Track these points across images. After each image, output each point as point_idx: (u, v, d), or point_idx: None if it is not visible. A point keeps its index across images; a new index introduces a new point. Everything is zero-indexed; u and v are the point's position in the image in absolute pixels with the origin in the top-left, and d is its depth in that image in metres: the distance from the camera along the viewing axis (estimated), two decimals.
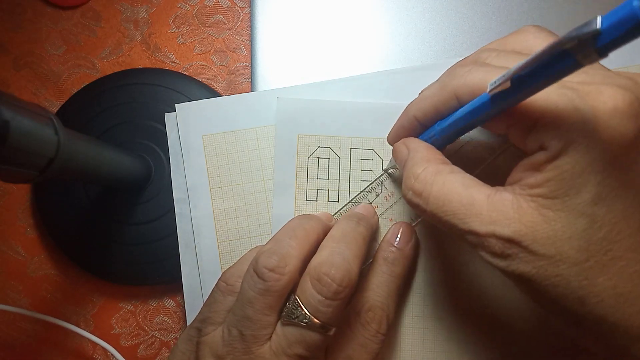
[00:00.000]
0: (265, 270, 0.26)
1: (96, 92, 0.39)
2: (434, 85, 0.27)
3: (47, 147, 0.25)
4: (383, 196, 0.33)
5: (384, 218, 0.33)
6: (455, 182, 0.24)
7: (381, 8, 0.38)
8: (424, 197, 0.24)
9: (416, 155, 0.26)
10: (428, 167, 0.25)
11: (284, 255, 0.26)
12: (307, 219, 0.30)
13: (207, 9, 0.40)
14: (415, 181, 0.25)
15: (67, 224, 0.38)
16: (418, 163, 0.25)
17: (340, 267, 0.26)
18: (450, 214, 0.23)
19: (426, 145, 0.27)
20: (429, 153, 0.26)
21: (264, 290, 0.26)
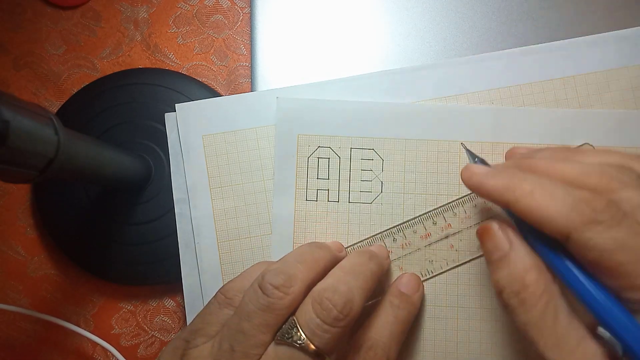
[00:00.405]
0: (270, 286, 0.26)
1: (96, 92, 0.39)
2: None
3: (47, 147, 0.25)
4: (399, 244, 0.33)
5: (394, 265, 0.33)
6: (558, 308, 0.23)
7: (381, 8, 0.38)
8: (525, 310, 0.23)
9: (525, 259, 0.24)
10: (540, 278, 0.23)
11: (290, 276, 0.26)
12: (318, 248, 0.29)
13: (207, 9, 0.40)
14: (523, 288, 0.23)
15: (67, 224, 0.38)
16: (529, 270, 0.24)
17: (343, 294, 0.26)
18: (538, 336, 0.23)
19: (531, 250, 0.25)
20: (538, 261, 0.24)
21: (266, 306, 0.25)
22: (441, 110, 0.34)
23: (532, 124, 0.33)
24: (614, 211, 0.22)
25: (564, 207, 0.22)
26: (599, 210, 0.22)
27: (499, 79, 0.34)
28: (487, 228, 0.26)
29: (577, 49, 0.34)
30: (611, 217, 0.21)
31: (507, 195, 0.24)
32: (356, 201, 0.34)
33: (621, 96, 0.34)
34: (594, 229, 0.21)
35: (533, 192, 0.23)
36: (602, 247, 0.21)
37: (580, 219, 0.22)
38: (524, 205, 0.23)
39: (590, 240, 0.21)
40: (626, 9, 0.37)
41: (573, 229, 0.22)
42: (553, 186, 0.23)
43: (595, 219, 0.22)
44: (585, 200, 0.22)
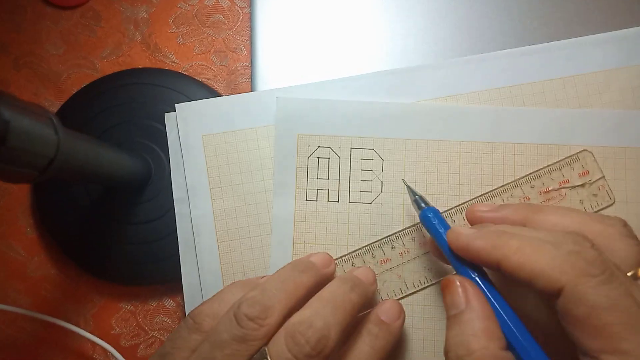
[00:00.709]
0: (245, 318, 0.25)
1: (96, 92, 0.39)
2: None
3: (47, 147, 0.25)
4: (398, 251, 0.33)
5: (393, 273, 0.33)
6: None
7: (381, 8, 0.38)
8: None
9: (475, 322, 0.24)
10: (487, 348, 0.23)
11: (267, 307, 0.26)
12: (301, 272, 0.29)
13: (207, 9, 0.40)
14: (467, 354, 0.23)
15: (67, 224, 0.38)
16: (477, 336, 0.23)
17: (318, 330, 0.25)
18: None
19: (489, 311, 0.24)
20: (490, 325, 0.24)
21: (240, 337, 0.25)
22: (441, 110, 0.34)
23: (531, 123, 0.33)
24: (605, 265, 0.21)
25: (556, 260, 0.22)
26: (591, 262, 0.21)
27: (499, 79, 0.34)
28: (450, 282, 0.26)
29: (577, 49, 0.34)
30: (603, 272, 0.21)
31: (495, 253, 0.24)
32: (356, 201, 0.34)
33: (621, 96, 0.34)
34: (587, 282, 0.21)
35: (522, 248, 0.23)
36: (594, 304, 0.21)
37: (573, 271, 0.21)
38: (514, 262, 0.23)
39: (584, 295, 0.21)
40: (626, 9, 0.37)
41: (566, 282, 0.21)
42: (541, 242, 0.23)
43: (588, 272, 0.21)
44: (576, 252, 0.22)
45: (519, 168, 0.33)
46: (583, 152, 0.33)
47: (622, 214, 0.32)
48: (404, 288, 0.33)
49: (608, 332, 0.20)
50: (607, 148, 0.33)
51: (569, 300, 0.21)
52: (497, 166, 0.33)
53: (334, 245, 0.33)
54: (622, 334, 0.20)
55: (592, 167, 0.33)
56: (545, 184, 0.33)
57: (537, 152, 0.33)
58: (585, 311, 0.21)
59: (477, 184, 0.33)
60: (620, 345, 0.20)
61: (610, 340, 0.20)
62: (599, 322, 0.20)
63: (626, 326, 0.20)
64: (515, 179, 0.33)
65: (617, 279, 0.21)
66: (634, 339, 0.20)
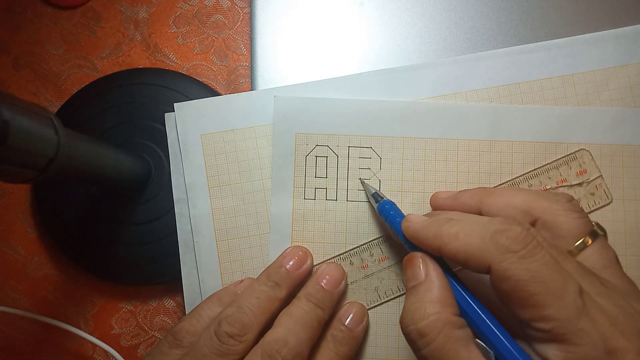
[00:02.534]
0: (226, 335, 0.28)
1: (96, 92, 0.39)
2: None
3: (47, 147, 0.25)
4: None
5: (391, 271, 0.33)
6: (460, 341, 0.23)
7: (381, 8, 0.39)
8: (425, 342, 0.24)
9: (432, 291, 0.25)
10: (442, 313, 0.24)
11: (245, 325, 0.29)
12: (274, 286, 0.31)
13: (207, 9, 0.40)
14: (424, 321, 0.24)
15: (67, 224, 0.38)
16: (433, 302, 0.24)
17: (293, 348, 0.28)
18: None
19: (445, 283, 0.25)
20: (445, 294, 0.25)
21: (221, 352, 0.28)
22: (439, 108, 0.34)
23: (530, 122, 0.33)
24: (529, 240, 0.23)
25: (482, 240, 0.23)
26: (513, 239, 0.23)
27: (498, 77, 0.34)
28: (412, 257, 0.27)
29: (576, 47, 0.34)
30: (525, 247, 0.22)
31: (436, 242, 0.25)
32: (354, 199, 0.34)
33: (619, 94, 0.34)
34: (509, 259, 0.22)
35: (457, 235, 0.24)
36: (517, 278, 0.22)
37: (496, 249, 0.23)
38: (451, 248, 0.24)
39: (507, 271, 0.22)
40: (625, 8, 0.37)
41: (492, 261, 0.23)
42: (474, 224, 0.24)
43: (509, 248, 0.23)
44: (500, 231, 0.23)
45: (517, 166, 0.33)
46: (581, 151, 0.33)
47: (619, 212, 0.33)
48: (402, 286, 0.33)
49: (532, 301, 0.22)
50: (604, 146, 0.33)
51: (496, 277, 0.23)
52: (494, 164, 0.33)
53: (332, 244, 0.34)
54: (545, 302, 0.21)
55: (590, 166, 0.33)
56: (542, 182, 0.33)
57: (535, 150, 0.33)
58: (511, 285, 0.22)
59: (475, 182, 0.33)
60: (544, 311, 0.21)
61: (536, 308, 0.21)
62: (524, 294, 0.22)
63: (547, 294, 0.21)
64: (512, 178, 0.33)
65: (540, 251, 0.22)
66: (555, 303, 0.21)
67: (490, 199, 0.28)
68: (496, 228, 0.23)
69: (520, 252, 0.22)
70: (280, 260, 0.32)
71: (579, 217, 0.26)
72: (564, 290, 0.21)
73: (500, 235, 0.23)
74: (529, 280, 0.22)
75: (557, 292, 0.21)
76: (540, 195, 0.27)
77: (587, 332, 0.21)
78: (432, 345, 0.23)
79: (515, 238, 0.23)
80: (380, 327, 0.33)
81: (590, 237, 0.25)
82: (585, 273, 0.23)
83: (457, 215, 0.27)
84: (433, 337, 0.23)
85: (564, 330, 0.21)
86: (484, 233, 0.23)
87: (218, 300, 0.32)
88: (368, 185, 0.33)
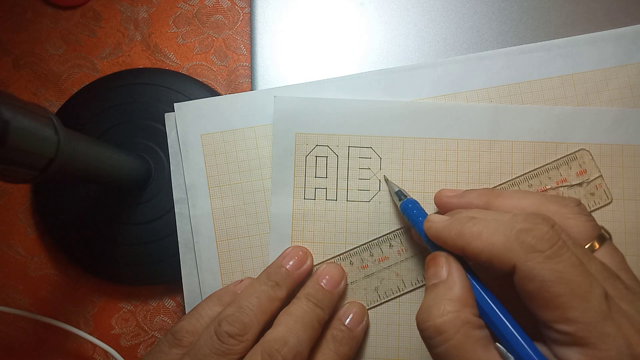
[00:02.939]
0: (226, 335, 0.28)
1: (96, 92, 0.39)
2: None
3: (47, 147, 0.25)
4: (396, 250, 0.33)
5: (391, 271, 0.33)
6: (478, 341, 0.23)
7: (381, 8, 0.39)
8: (442, 339, 0.23)
9: (453, 290, 0.25)
10: (461, 312, 0.23)
11: (245, 325, 0.29)
12: (274, 286, 0.31)
13: (207, 9, 0.40)
14: (442, 319, 0.23)
15: (67, 224, 0.38)
16: (453, 300, 0.24)
17: (293, 348, 0.28)
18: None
19: (467, 284, 0.25)
20: (466, 294, 0.25)
21: (221, 352, 0.28)
22: (439, 108, 0.34)
23: (530, 121, 0.33)
24: (555, 239, 0.22)
25: (507, 239, 0.23)
26: (539, 238, 0.22)
27: (498, 77, 0.34)
28: (435, 256, 0.27)
29: (576, 47, 0.34)
30: (551, 246, 0.22)
31: (459, 241, 0.25)
32: (354, 199, 0.34)
33: (619, 94, 0.34)
34: (535, 258, 0.22)
35: (481, 234, 0.24)
36: (543, 278, 0.22)
37: (522, 248, 0.23)
38: (474, 248, 0.24)
39: (532, 271, 0.22)
40: (625, 8, 0.37)
41: (517, 260, 0.22)
42: (497, 222, 0.24)
43: (535, 247, 0.22)
44: (526, 229, 0.23)
45: (517, 166, 0.33)
46: (581, 151, 0.33)
47: (619, 212, 0.33)
48: (402, 286, 0.33)
49: (556, 303, 0.21)
50: (604, 146, 0.33)
51: (521, 276, 0.22)
52: (494, 164, 0.33)
53: (332, 244, 0.34)
54: (569, 304, 0.21)
55: (590, 166, 0.33)
56: (542, 182, 0.33)
57: (535, 150, 0.33)
58: (536, 285, 0.22)
59: (475, 182, 0.33)
60: (569, 314, 0.21)
61: (560, 310, 0.21)
62: (548, 294, 0.21)
63: (572, 296, 0.21)
64: (512, 178, 0.33)
65: (566, 251, 0.22)
66: (580, 306, 0.21)
67: (498, 201, 0.28)
68: (521, 227, 0.23)
69: (546, 252, 0.22)
70: (280, 260, 0.32)
71: (587, 221, 0.25)
72: (589, 293, 0.21)
73: (526, 234, 0.23)
74: (554, 281, 0.21)
75: (582, 295, 0.21)
76: (548, 199, 0.27)
77: (613, 337, 0.20)
78: (449, 343, 0.23)
79: (541, 237, 0.22)
80: (381, 327, 0.33)
81: (598, 241, 0.25)
82: (610, 275, 0.23)
83: (479, 213, 0.26)
84: (451, 335, 0.23)
85: (588, 334, 0.20)
86: (509, 232, 0.23)
87: (218, 300, 0.32)
88: (392, 183, 0.33)
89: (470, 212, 0.27)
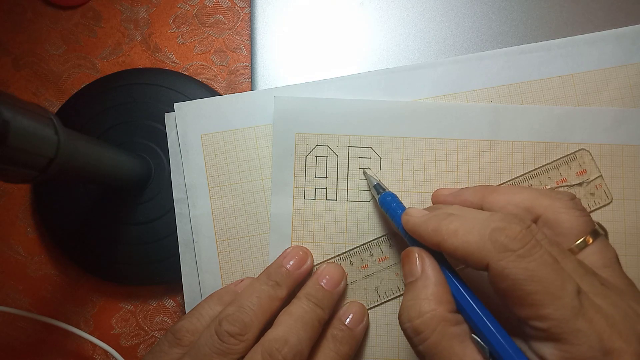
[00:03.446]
0: (227, 334, 0.28)
1: (96, 92, 0.39)
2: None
3: (47, 147, 0.25)
4: (396, 249, 0.33)
5: (391, 271, 0.33)
6: (455, 338, 0.24)
7: (381, 8, 0.39)
8: (420, 339, 0.24)
9: (428, 288, 0.25)
10: (437, 310, 0.24)
11: (246, 324, 0.29)
12: (275, 286, 0.31)
13: (207, 9, 0.40)
14: (419, 319, 0.24)
15: (67, 224, 0.38)
16: (428, 299, 0.25)
17: (293, 347, 0.28)
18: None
19: (441, 278, 0.26)
20: (441, 291, 0.25)
21: (222, 351, 0.28)
22: (439, 108, 0.34)
23: (529, 121, 0.33)
24: (528, 239, 0.23)
25: (481, 238, 0.23)
26: (512, 237, 0.23)
27: (498, 78, 0.34)
28: (409, 252, 0.27)
29: (576, 47, 0.34)
30: (523, 245, 0.22)
31: (435, 237, 0.25)
32: (354, 199, 0.34)
33: (619, 94, 0.34)
34: (507, 257, 0.22)
35: (457, 231, 0.24)
36: (515, 277, 0.22)
37: (494, 247, 0.23)
38: (450, 244, 0.24)
39: (505, 270, 0.22)
40: (624, 8, 0.37)
41: (490, 259, 0.23)
42: (473, 220, 0.24)
43: (508, 247, 0.23)
44: (499, 229, 0.23)
45: (517, 166, 0.33)
46: (581, 150, 0.33)
47: (618, 212, 0.33)
48: (402, 286, 0.33)
49: (529, 301, 0.22)
50: (604, 146, 0.33)
51: (494, 275, 0.23)
52: (494, 164, 0.33)
53: (332, 244, 0.34)
54: (542, 301, 0.21)
55: (590, 166, 0.33)
56: (542, 182, 0.33)
57: (535, 150, 0.33)
58: (508, 284, 0.22)
59: (475, 182, 0.33)
60: (541, 311, 0.21)
61: (533, 308, 0.22)
62: (521, 293, 0.22)
63: (544, 294, 0.21)
64: (512, 178, 0.33)
65: (538, 250, 0.22)
66: (552, 303, 0.21)
67: (492, 197, 0.28)
68: (495, 225, 0.23)
69: (518, 251, 0.22)
70: (280, 260, 0.32)
71: (581, 216, 0.26)
72: (561, 290, 0.21)
73: (499, 233, 0.23)
74: (526, 280, 0.22)
75: (554, 292, 0.21)
76: (542, 193, 0.27)
77: (584, 332, 0.21)
78: (427, 342, 0.24)
79: (514, 236, 0.23)
80: (380, 327, 0.33)
81: (591, 236, 0.25)
82: (586, 273, 0.23)
83: (457, 210, 0.27)
84: (428, 335, 0.24)
85: (561, 330, 0.21)
86: (483, 230, 0.23)
87: (218, 299, 0.32)
88: (370, 177, 0.33)
89: (450, 209, 0.27)
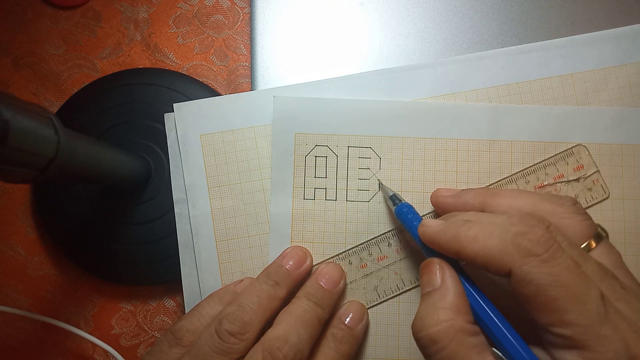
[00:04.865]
0: (227, 333, 0.28)
1: (96, 92, 0.39)
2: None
3: (47, 147, 0.25)
4: (395, 248, 0.33)
5: (390, 270, 0.33)
6: (473, 348, 0.23)
7: (381, 8, 0.39)
8: (437, 349, 0.23)
9: (447, 298, 0.25)
10: (455, 320, 0.24)
11: (246, 323, 0.29)
12: (275, 285, 0.31)
13: (207, 9, 0.40)
14: (436, 328, 0.24)
15: (67, 224, 0.38)
16: (446, 309, 0.24)
17: (294, 346, 0.28)
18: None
19: (460, 290, 0.25)
20: (460, 301, 0.25)
21: (222, 350, 0.28)
22: (439, 108, 0.34)
23: (529, 121, 0.33)
24: (550, 242, 0.22)
25: (503, 243, 0.23)
26: (535, 241, 0.22)
27: (497, 77, 0.34)
28: (429, 263, 0.27)
29: (575, 47, 0.34)
30: (547, 250, 0.22)
31: (454, 245, 0.25)
32: (354, 199, 0.34)
33: (619, 94, 0.34)
34: (531, 262, 0.22)
35: (476, 237, 0.24)
36: (538, 282, 0.22)
37: (517, 252, 0.22)
38: (470, 252, 0.24)
39: (528, 275, 0.22)
40: (624, 8, 0.37)
41: (512, 264, 0.22)
42: (493, 226, 0.24)
43: (531, 251, 0.22)
44: (521, 234, 0.23)
45: (516, 166, 0.33)
46: (577, 146, 0.33)
47: (618, 211, 0.33)
48: (401, 285, 0.33)
49: (553, 306, 0.21)
50: (604, 145, 0.33)
51: (517, 281, 0.22)
52: (494, 164, 0.33)
53: (332, 244, 0.34)
54: (566, 307, 0.21)
55: (587, 162, 0.33)
56: (539, 179, 0.33)
57: (534, 149, 0.33)
58: (532, 289, 0.22)
59: (475, 181, 0.33)
60: (566, 317, 0.21)
61: (557, 313, 0.21)
62: (545, 298, 0.21)
63: (569, 299, 0.21)
64: (510, 174, 0.33)
65: (562, 254, 0.22)
66: (577, 309, 0.21)
67: (494, 201, 0.28)
68: (517, 230, 0.23)
69: (542, 256, 0.22)
70: (280, 260, 0.32)
71: (584, 220, 0.25)
72: (586, 295, 0.21)
73: (521, 237, 0.23)
74: (550, 285, 0.21)
75: (579, 298, 0.21)
76: (544, 198, 0.27)
77: (610, 339, 0.20)
78: (444, 352, 0.23)
79: (537, 240, 0.22)
80: (380, 326, 0.33)
81: (594, 240, 0.25)
82: (606, 276, 0.23)
83: (473, 216, 0.26)
84: (445, 344, 0.23)
85: (586, 337, 0.20)
86: (504, 235, 0.23)
87: (218, 299, 0.32)
88: (386, 187, 0.33)
89: (465, 215, 0.27)
